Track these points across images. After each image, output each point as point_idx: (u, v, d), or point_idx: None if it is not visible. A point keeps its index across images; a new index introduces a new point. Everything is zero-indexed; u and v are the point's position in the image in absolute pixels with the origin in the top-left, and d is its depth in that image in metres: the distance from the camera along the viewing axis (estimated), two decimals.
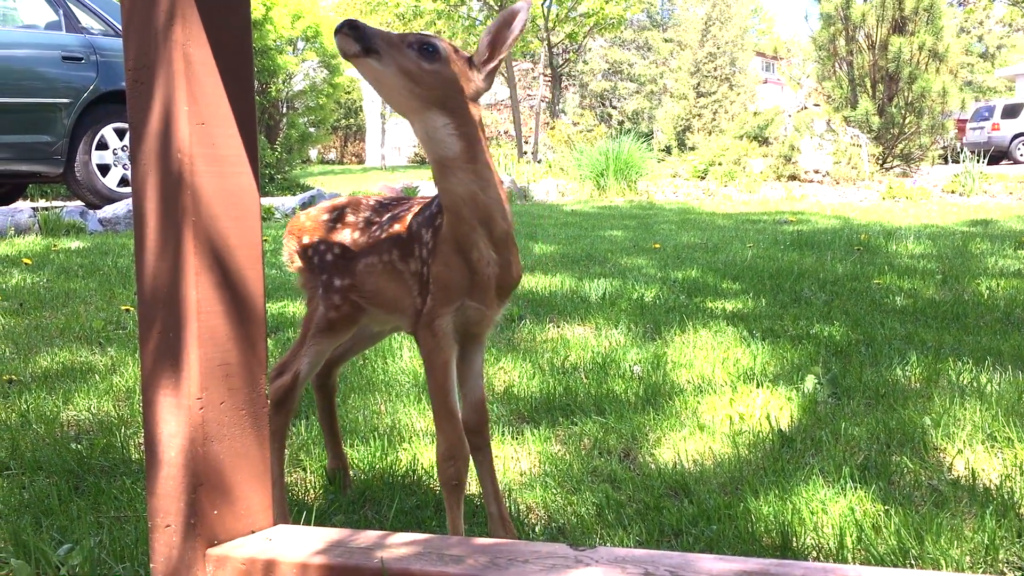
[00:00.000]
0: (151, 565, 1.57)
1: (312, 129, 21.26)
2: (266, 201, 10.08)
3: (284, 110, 20.44)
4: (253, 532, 1.59)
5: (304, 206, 10.26)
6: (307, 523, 2.04)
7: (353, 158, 41.33)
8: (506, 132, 32.03)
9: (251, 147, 1.59)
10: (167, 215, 1.50)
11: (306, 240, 2.12)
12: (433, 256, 1.83)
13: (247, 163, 1.58)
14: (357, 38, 1.60)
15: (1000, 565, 1.94)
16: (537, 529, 2.18)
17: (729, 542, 2.04)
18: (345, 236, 2.06)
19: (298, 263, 2.15)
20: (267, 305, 2.12)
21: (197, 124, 1.48)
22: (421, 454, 2.58)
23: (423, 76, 1.65)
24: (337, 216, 2.10)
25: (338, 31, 1.61)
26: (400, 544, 1.44)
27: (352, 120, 41.00)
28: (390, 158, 35.86)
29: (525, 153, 25.21)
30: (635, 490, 2.35)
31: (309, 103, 21.04)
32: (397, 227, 1.95)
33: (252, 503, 1.59)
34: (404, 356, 3.56)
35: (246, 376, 1.59)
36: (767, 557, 1.77)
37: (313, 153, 36.23)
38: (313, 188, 12.80)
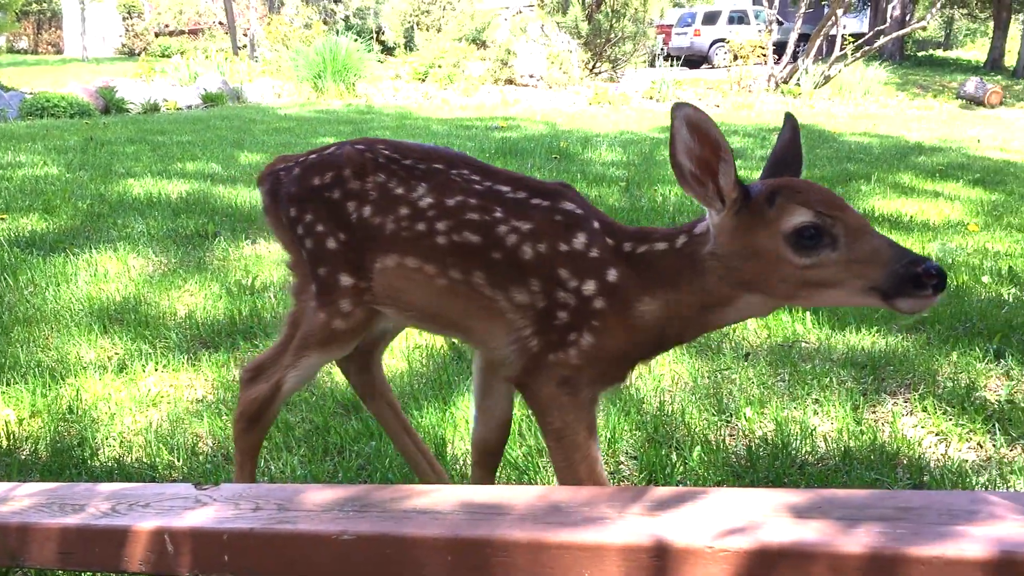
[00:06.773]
0: None
1: None
2: None
3: None
4: None
5: None
6: None
7: (49, 47, 37.08)
8: (220, 23, 29.88)
9: None
10: None
11: (293, 213, 1.57)
12: (604, 325, 1.44)
13: None
14: None
15: (619, 456, 2.23)
16: (214, 460, 2.20)
17: (392, 456, 2.17)
18: (354, 212, 1.52)
19: (282, 235, 1.64)
20: None
21: None
22: (85, 388, 2.50)
23: None
24: (335, 179, 1.54)
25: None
26: (25, 496, 1.41)
27: (45, 4, 36.67)
28: (94, 48, 32.43)
29: (244, 47, 23.84)
30: (308, 411, 2.43)
31: None
32: (474, 238, 1.46)
33: None
34: (80, 282, 3.37)
35: None
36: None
37: (0, 41, 32.17)
38: None
